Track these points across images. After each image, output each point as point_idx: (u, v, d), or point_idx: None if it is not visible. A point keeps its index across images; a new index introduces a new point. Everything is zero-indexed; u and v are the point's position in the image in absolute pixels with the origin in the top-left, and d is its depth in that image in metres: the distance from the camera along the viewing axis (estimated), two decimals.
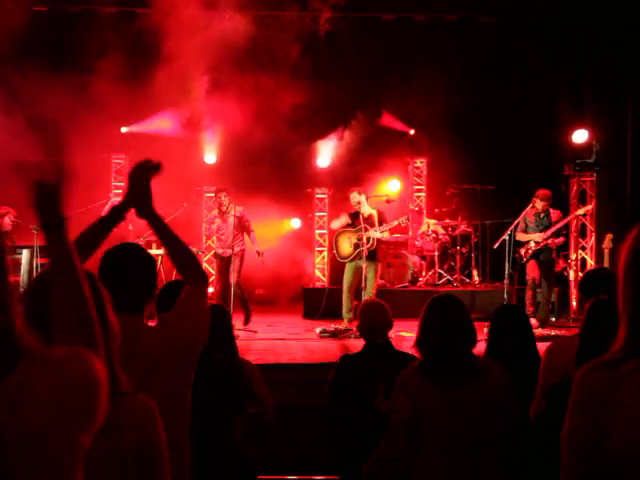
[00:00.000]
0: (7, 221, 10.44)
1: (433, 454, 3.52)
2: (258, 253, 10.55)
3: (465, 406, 3.51)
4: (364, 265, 9.90)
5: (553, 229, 10.21)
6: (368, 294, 9.83)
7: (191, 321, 2.78)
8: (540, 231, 10.23)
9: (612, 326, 2.75)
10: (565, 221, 10.50)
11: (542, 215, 10.24)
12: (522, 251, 10.26)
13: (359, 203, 10.19)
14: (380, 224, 10.02)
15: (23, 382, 1.27)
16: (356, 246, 10.14)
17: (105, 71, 11.81)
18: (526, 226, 10.27)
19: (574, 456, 1.84)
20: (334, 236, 10.54)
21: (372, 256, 10.02)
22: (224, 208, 10.62)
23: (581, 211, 11.24)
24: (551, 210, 10.29)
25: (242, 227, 10.60)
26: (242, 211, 10.61)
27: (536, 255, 10.19)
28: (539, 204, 10.15)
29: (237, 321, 10.21)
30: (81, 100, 11.56)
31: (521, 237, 10.25)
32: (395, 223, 10.21)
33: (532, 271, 10.24)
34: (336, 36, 12.71)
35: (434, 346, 3.58)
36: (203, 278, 2.91)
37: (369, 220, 10.11)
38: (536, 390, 3.90)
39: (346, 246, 10.29)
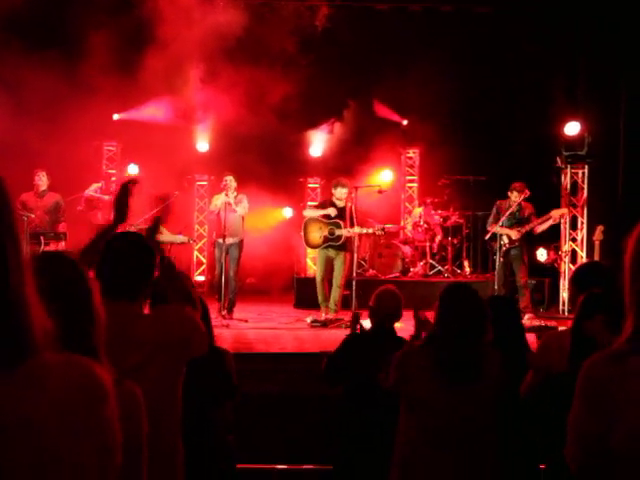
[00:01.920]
0: None
1: (430, 445, 3.54)
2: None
3: (467, 399, 3.54)
4: (333, 255, 10.12)
5: (528, 228, 10.19)
6: (336, 284, 10.01)
7: (183, 321, 2.82)
8: (511, 225, 10.22)
9: (605, 319, 2.76)
10: (540, 221, 10.40)
11: (515, 209, 10.24)
12: (495, 245, 10.24)
13: (340, 199, 10.23)
14: (351, 218, 10.04)
15: (28, 379, 1.23)
16: (325, 239, 10.17)
17: (98, 57, 11.73)
18: (498, 216, 10.29)
19: (579, 445, 1.86)
20: (305, 221, 10.44)
21: (342, 246, 10.09)
22: (230, 193, 10.19)
23: (556, 213, 11.06)
24: (523, 204, 10.30)
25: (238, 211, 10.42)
26: (241, 197, 10.39)
27: (507, 251, 10.21)
28: (515, 196, 10.19)
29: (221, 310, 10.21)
30: (73, 86, 11.49)
31: (496, 230, 10.21)
32: (370, 231, 10.26)
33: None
34: (330, 26, 12.66)
35: (446, 336, 3.59)
36: (196, 306, 2.96)
37: (342, 213, 10.17)
38: (527, 376, 3.90)
39: (316, 235, 10.27)
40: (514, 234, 10.13)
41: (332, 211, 10.16)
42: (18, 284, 1.26)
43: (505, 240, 10.17)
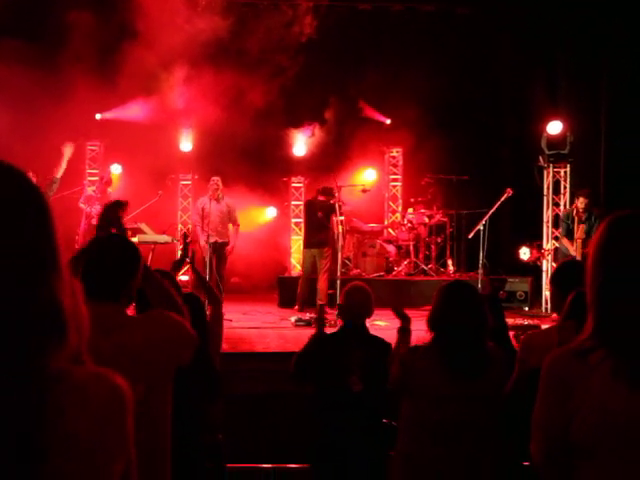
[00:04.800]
0: None
1: (434, 440, 3.58)
2: (228, 249, 10.58)
3: (472, 395, 3.59)
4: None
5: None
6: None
7: (173, 326, 2.81)
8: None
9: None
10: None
11: (583, 217, 10.33)
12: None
13: None
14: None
15: (69, 395, 1.27)
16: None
17: (79, 57, 11.68)
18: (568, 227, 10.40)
19: (541, 439, 1.89)
20: None
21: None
22: (217, 194, 10.52)
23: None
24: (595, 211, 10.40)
25: (229, 218, 10.61)
26: (232, 203, 10.70)
27: None
28: (582, 203, 10.29)
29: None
30: (55, 85, 11.43)
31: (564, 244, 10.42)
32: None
33: None
34: (313, 26, 12.67)
35: (449, 335, 3.60)
36: (184, 315, 2.93)
37: None
38: (511, 377, 3.93)
39: None
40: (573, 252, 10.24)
41: None
42: (59, 296, 1.31)
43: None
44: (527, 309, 11.08)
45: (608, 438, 1.75)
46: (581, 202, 10.31)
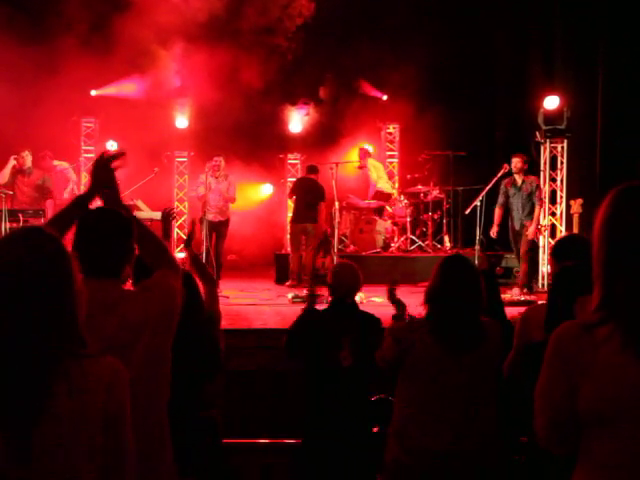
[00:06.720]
0: None
1: (431, 415, 3.60)
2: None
3: (469, 369, 3.60)
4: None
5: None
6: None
7: (166, 294, 2.78)
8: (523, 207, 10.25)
9: (577, 292, 2.79)
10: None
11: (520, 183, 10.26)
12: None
13: None
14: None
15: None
16: None
17: (75, 33, 11.60)
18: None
19: (545, 413, 1.89)
20: None
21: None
22: (218, 173, 10.57)
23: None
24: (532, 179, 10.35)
25: (228, 195, 10.66)
26: (233, 181, 10.74)
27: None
28: (516, 162, 10.24)
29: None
30: (50, 62, 11.36)
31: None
32: None
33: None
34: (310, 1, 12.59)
35: (444, 308, 3.62)
36: (176, 268, 2.88)
37: None
38: (510, 353, 3.94)
39: None
40: (531, 232, 10.18)
41: None
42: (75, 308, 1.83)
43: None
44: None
45: (617, 409, 1.76)
46: (514, 163, 10.21)
